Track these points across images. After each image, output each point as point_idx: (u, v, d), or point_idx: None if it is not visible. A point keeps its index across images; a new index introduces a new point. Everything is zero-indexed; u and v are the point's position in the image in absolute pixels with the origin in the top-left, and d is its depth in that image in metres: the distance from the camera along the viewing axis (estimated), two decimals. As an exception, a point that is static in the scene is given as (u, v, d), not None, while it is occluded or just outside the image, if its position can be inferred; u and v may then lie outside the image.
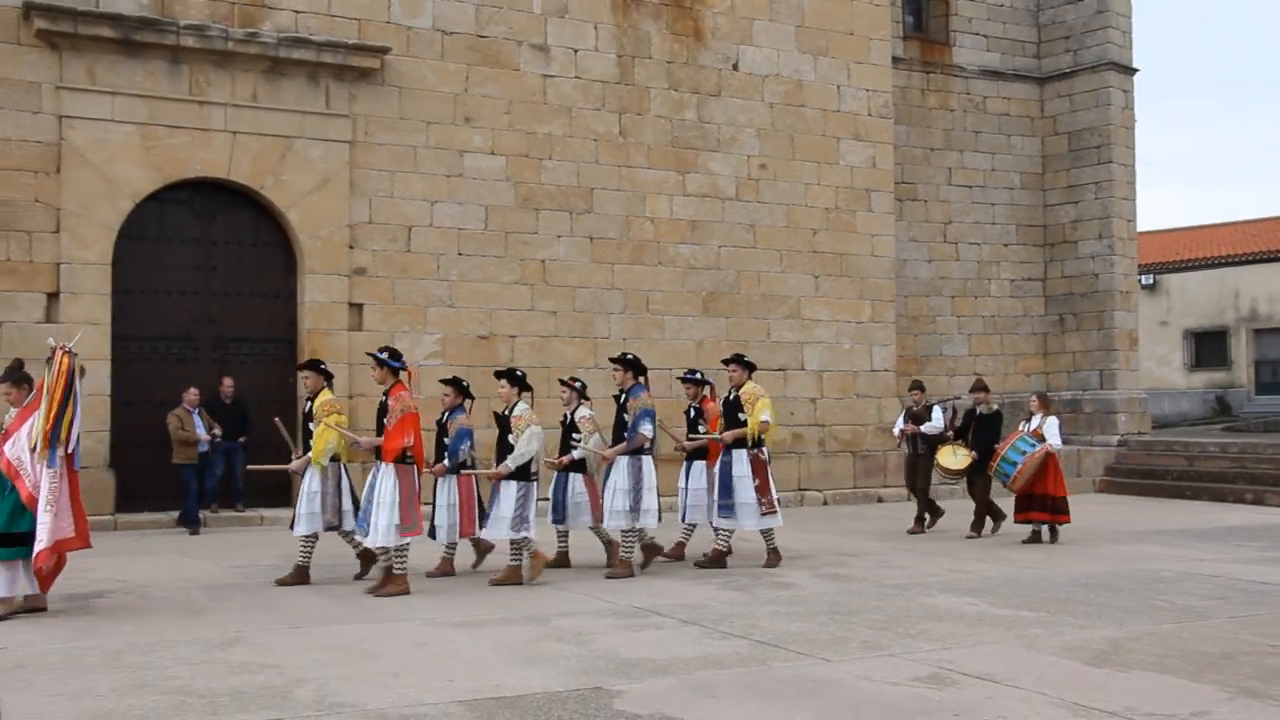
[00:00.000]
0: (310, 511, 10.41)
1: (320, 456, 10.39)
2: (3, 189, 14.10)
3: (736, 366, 11.82)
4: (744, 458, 11.35)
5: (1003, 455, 13.51)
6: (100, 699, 6.44)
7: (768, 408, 11.40)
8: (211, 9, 15.14)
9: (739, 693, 6.64)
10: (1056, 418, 13.98)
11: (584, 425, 11.20)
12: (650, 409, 11.11)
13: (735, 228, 18.34)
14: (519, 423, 10.49)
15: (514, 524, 10.35)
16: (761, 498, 11.32)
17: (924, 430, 14.73)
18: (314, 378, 10.69)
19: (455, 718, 6.10)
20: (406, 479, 9.97)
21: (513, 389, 10.77)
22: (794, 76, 18.90)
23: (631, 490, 10.86)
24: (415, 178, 16.20)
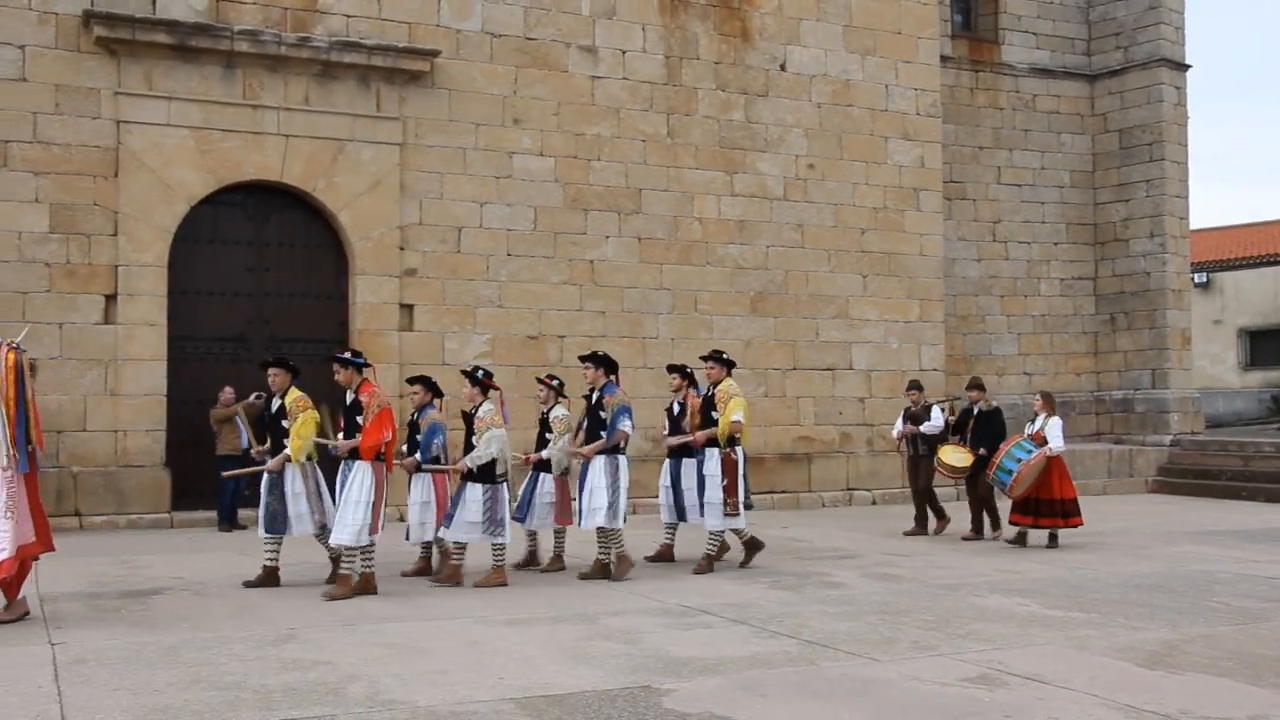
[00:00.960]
0: (298, 512, 10.19)
1: (299, 455, 10.15)
2: (63, 193, 14.36)
3: (714, 364, 11.49)
4: (715, 457, 11.15)
5: (998, 462, 13.03)
6: (158, 694, 6.53)
7: (741, 407, 11.16)
8: (264, 14, 15.33)
9: (788, 692, 6.63)
10: (1060, 419, 13.50)
11: (557, 425, 11.17)
12: (628, 405, 10.98)
13: (783, 228, 18.33)
14: (480, 424, 10.37)
15: (486, 528, 10.23)
16: (728, 498, 11.06)
17: (923, 430, 14.40)
18: (282, 375, 10.42)
19: (506, 715, 6.12)
20: (381, 478, 9.90)
21: (474, 390, 10.59)
22: (842, 76, 18.86)
23: (610, 489, 10.71)
24: (465, 179, 16.32)
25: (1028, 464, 12.82)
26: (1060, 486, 13.08)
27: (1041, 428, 13.24)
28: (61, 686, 6.71)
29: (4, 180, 14.10)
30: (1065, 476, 13.21)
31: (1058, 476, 13.08)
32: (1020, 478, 12.85)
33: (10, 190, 14.13)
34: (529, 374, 16.32)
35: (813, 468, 18.37)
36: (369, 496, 9.76)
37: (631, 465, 11.29)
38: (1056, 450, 13.06)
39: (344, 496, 9.85)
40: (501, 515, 10.31)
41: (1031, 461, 12.85)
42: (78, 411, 14.38)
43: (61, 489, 14.24)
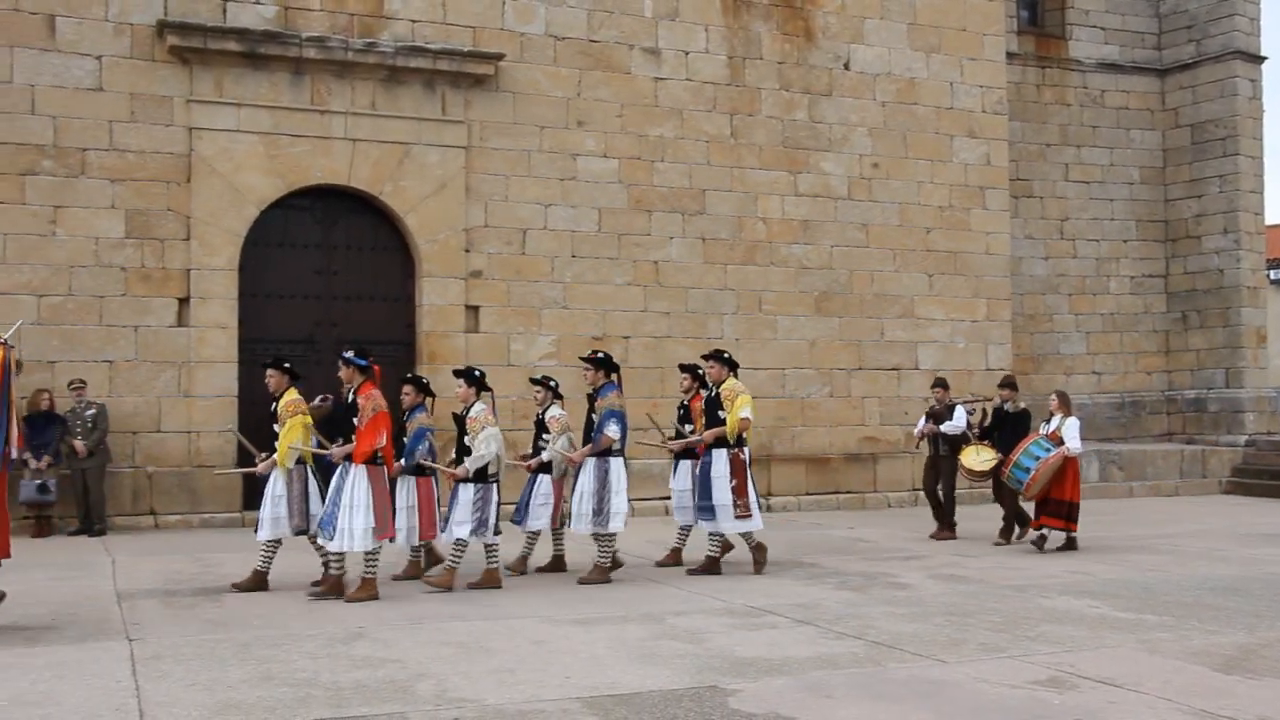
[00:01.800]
0: (275, 516, 10.04)
1: (286, 460, 10.03)
2: (138, 199, 14.64)
3: (715, 363, 11.28)
4: (723, 457, 10.93)
5: (1015, 461, 12.68)
6: (231, 690, 6.64)
7: (748, 405, 10.99)
8: (332, 21, 15.53)
9: (854, 693, 6.61)
10: (1077, 419, 13.11)
11: (553, 425, 11.04)
12: (618, 410, 10.82)
13: (848, 227, 18.25)
14: (473, 424, 10.22)
15: (475, 528, 10.10)
16: (738, 499, 10.85)
17: (943, 430, 13.95)
18: (277, 377, 10.30)
19: (573, 714, 6.15)
20: (379, 481, 9.75)
21: (469, 389, 10.44)
22: (906, 75, 18.74)
23: (597, 493, 10.58)
24: (529, 181, 16.42)
25: (1045, 463, 12.50)
26: (1070, 489, 12.75)
27: (1058, 428, 12.86)
28: (139, 681, 6.84)
29: (82, 187, 14.41)
30: (1076, 480, 12.91)
31: (1071, 478, 12.76)
32: (1037, 477, 12.53)
33: (88, 197, 14.43)
34: (594, 375, 16.43)
35: (878, 468, 18.28)
36: (367, 500, 9.60)
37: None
38: (1074, 451, 12.73)
39: (341, 502, 9.64)
40: (489, 516, 10.15)
41: (1049, 461, 12.52)
42: (152, 413, 14.65)
43: (137, 489, 14.54)
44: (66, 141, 14.37)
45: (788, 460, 17.60)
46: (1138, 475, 20.32)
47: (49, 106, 14.30)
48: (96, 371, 14.36)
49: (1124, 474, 20.23)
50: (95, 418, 14.05)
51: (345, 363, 10.04)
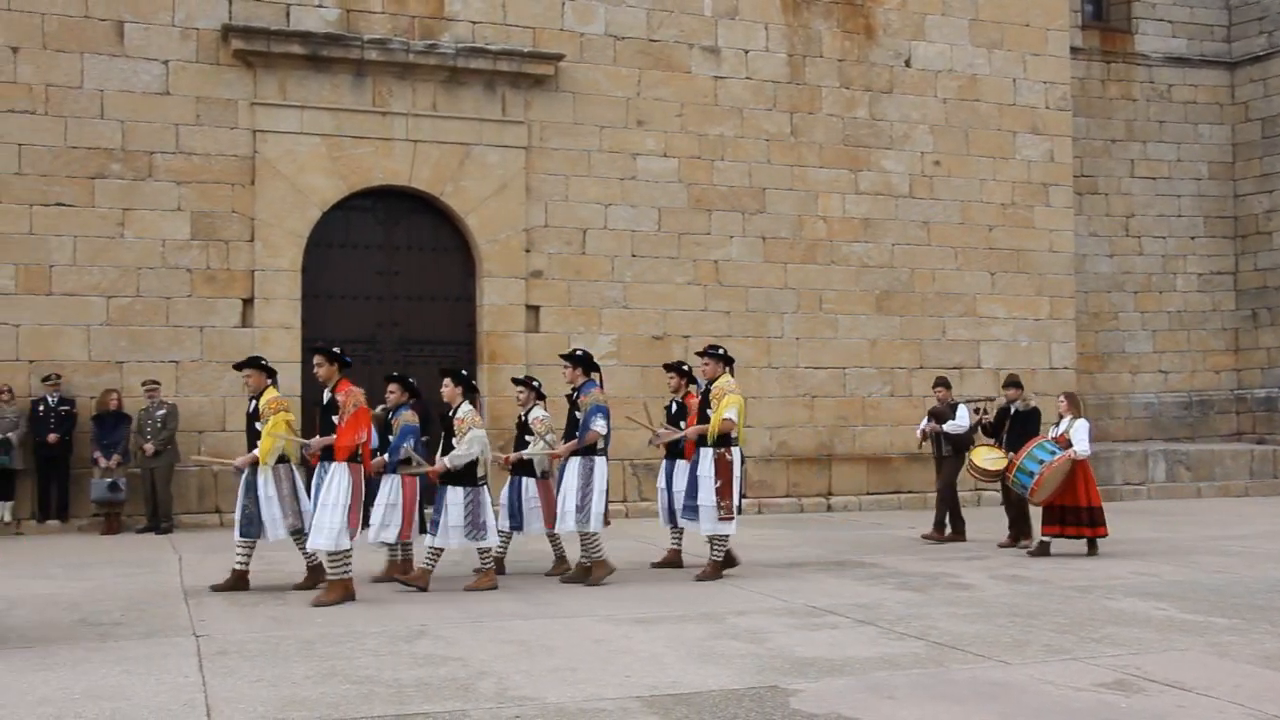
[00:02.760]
0: (272, 516, 9.92)
1: (268, 457, 9.89)
2: (204, 201, 14.86)
3: (709, 360, 10.99)
4: (709, 457, 10.62)
5: (1019, 464, 12.15)
6: (296, 686, 6.69)
7: (735, 405, 10.63)
8: (393, 23, 15.67)
9: (916, 694, 6.55)
10: (1087, 420, 12.49)
11: (536, 426, 10.79)
12: (603, 405, 10.57)
13: (909, 225, 18.13)
14: (460, 425, 10.04)
15: (469, 531, 9.94)
16: (721, 501, 10.54)
17: (945, 429, 13.58)
18: (256, 376, 10.20)
19: (633, 713, 6.14)
20: (357, 479, 9.57)
21: (456, 389, 10.25)
22: (968, 71, 18.58)
23: (580, 490, 10.38)
24: (589, 181, 16.47)
25: (1050, 466, 11.93)
26: (1087, 494, 12.19)
27: (1066, 430, 12.29)
28: (206, 677, 6.91)
29: (149, 190, 14.66)
30: (1091, 483, 12.31)
31: (1083, 483, 12.17)
32: (1042, 481, 11.96)
33: (155, 199, 14.68)
34: (654, 375, 16.44)
35: (940, 468, 18.11)
36: (344, 499, 9.42)
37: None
38: (1082, 454, 12.11)
39: (319, 499, 9.50)
40: (484, 518, 9.99)
41: (1054, 464, 11.95)
42: (217, 412, 14.85)
43: (203, 487, 14.77)
44: (134, 145, 14.63)
45: (849, 460, 17.50)
46: (1206, 476, 19.99)
47: (117, 110, 14.57)
48: (163, 371, 14.59)
49: (1191, 474, 19.91)
50: (165, 418, 14.28)
51: (327, 358, 9.83)
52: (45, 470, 14.17)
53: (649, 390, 16.50)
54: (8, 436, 13.74)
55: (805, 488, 17.28)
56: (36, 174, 14.27)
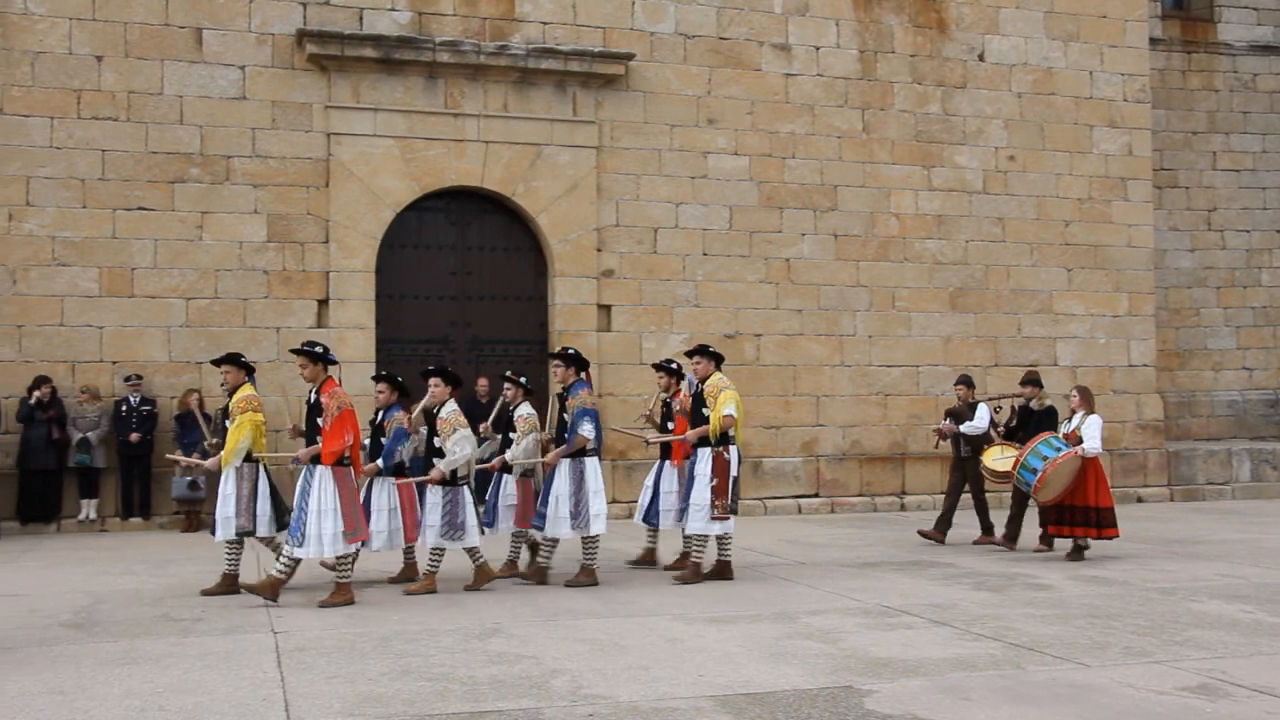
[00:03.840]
0: (225, 516, 9.80)
1: (232, 456, 9.76)
2: (280, 204, 15.08)
3: (701, 358, 10.79)
4: (706, 456, 10.45)
5: (1023, 460, 11.69)
6: (371, 683, 6.79)
7: (732, 401, 10.45)
8: (464, 25, 15.79)
9: (993, 696, 6.49)
10: (1099, 417, 11.96)
11: (520, 424, 10.57)
12: (591, 408, 10.36)
13: (983, 221, 17.93)
14: (444, 425, 9.88)
15: (445, 532, 9.82)
16: (715, 500, 10.35)
17: (963, 430, 13.11)
18: (234, 372, 10.10)
19: (706, 712, 6.15)
20: (345, 482, 9.40)
21: (445, 388, 10.13)
22: (1043, 64, 18.33)
23: (574, 495, 10.18)
24: (660, 180, 16.47)
25: (1054, 463, 11.46)
26: (1096, 493, 11.66)
27: (1078, 427, 11.82)
28: (284, 673, 7.03)
29: (226, 193, 14.90)
30: (1102, 482, 11.76)
31: (1093, 482, 11.66)
32: (1046, 478, 11.49)
33: (232, 203, 14.92)
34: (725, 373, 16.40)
35: (1016, 466, 17.90)
36: (335, 504, 9.26)
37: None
38: (1092, 451, 11.60)
39: (309, 507, 9.29)
40: (462, 519, 9.85)
41: (1059, 461, 11.47)
42: (293, 412, 14.96)
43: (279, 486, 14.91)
44: (212, 149, 14.88)
45: (923, 459, 17.33)
46: (1293, 475, 19.57)
47: (196, 116, 14.82)
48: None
49: (1278, 474, 19.48)
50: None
51: (312, 359, 9.66)
52: (128, 469, 14.46)
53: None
54: (88, 436, 14.03)
55: (878, 487, 17.15)
56: (119, 179, 14.57)
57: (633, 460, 16.12)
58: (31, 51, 14.33)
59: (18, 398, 14.08)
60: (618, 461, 16.10)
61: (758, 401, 16.70)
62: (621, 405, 16.03)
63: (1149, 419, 18.65)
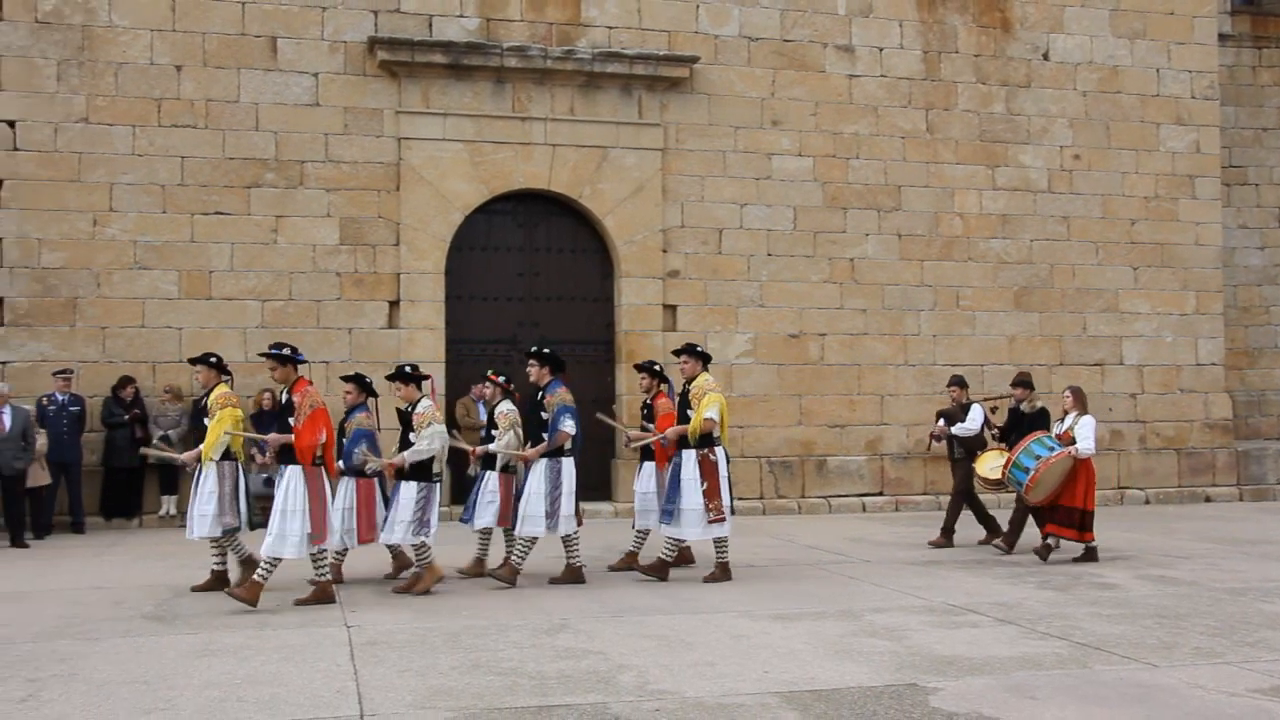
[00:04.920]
0: (202, 514, 9.81)
1: (211, 452, 9.75)
2: (352, 207, 15.39)
3: (688, 358, 10.66)
4: (692, 459, 10.28)
5: (1014, 460, 11.49)
6: (442, 676, 6.93)
7: (716, 404, 10.28)
8: (531, 30, 16.01)
9: (1059, 695, 6.50)
10: (1093, 417, 11.80)
11: (501, 421, 10.56)
12: (570, 405, 10.27)
13: (1048, 220, 17.87)
14: (420, 420, 9.88)
15: (415, 528, 9.79)
16: (709, 503, 10.20)
17: (955, 431, 12.91)
18: (206, 372, 10.10)
19: (772, 708, 6.20)
20: (317, 483, 9.31)
21: (410, 388, 10.17)
22: (1108, 63, 18.22)
23: (549, 494, 10.09)
24: (725, 182, 16.60)
25: (1047, 463, 11.30)
26: (1085, 495, 11.48)
27: (1070, 427, 11.68)
28: (357, 665, 7.20)
29: (300, 198, 15.24)
30: (1091, 486, 11.58)
31: (1084, 484, 11.50)
32: (1038, 478, 11.32)
33: (306, 207, 15.25)
34: (790, 372, 16.60)
35: (1082, 466, 17.83)
36: (303, 504, 9.18)
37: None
38: (1084, 452, 11.45)
39: (277, 506, 9.21)
40: (429, 516, 9.83)
41: (1052, 460, 11.31)
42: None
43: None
44: (286, 155, 15.21)
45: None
46: (1365, 475, 19.26)
47: (271, 122, 15.17)
48: (314, 371, 15.09)
49: (1351, 476, 19.20)
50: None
51: (280, 360, 9.57)
52: None
53: (786, 388, 16.63)
54: (168, 434, 14.40)
55: (943, 485, 17.06)
56: (197, 184, 14.95)
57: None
58: (115, 63, 14.75)
59: (102, 397, 14.50)
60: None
61: (821, 400, 16.79)
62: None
63: (1217, 418, 18.49)
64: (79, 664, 7.29)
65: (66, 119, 14.60)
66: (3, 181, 14.44)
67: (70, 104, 14.63)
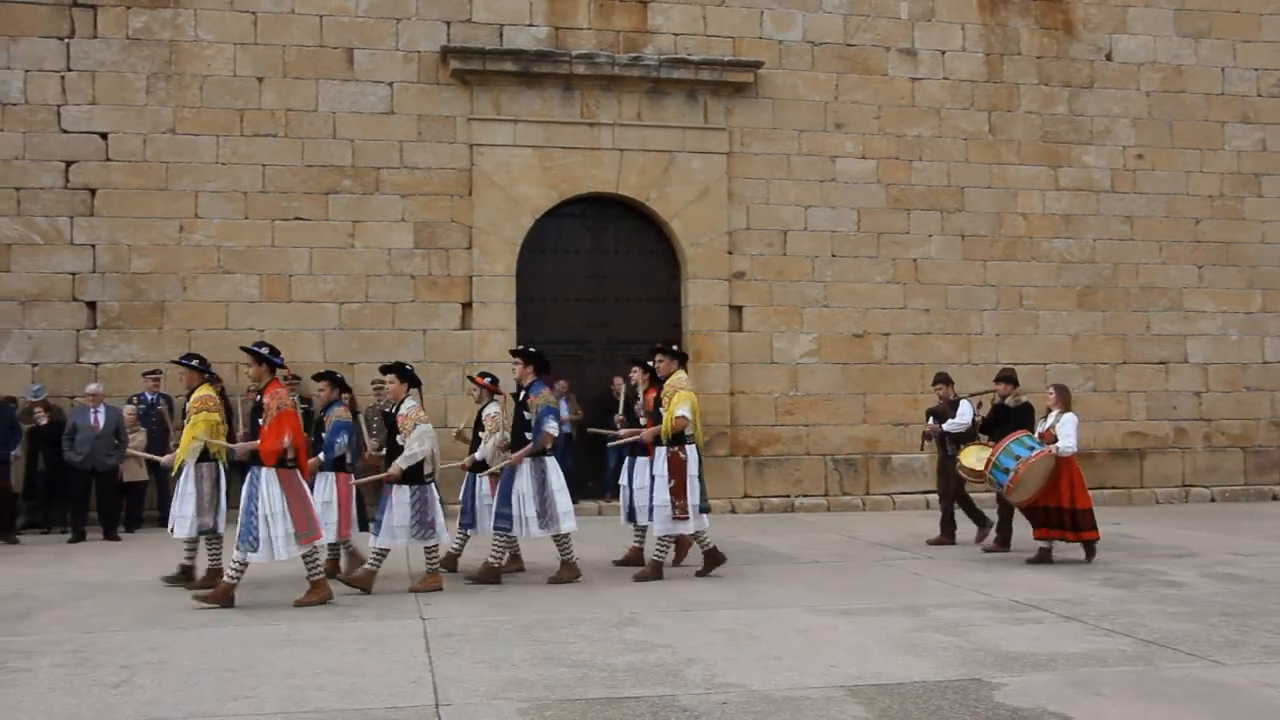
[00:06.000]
0: (182, 514, 9.89)
1: (186, 454, 9.79)
2: (426, 212, 15.81)
3: (663, 357, 10.70)
4: (662, 456, 10.31)
5: (995, 459, 11.23)
6: (515, 668, 7.05)
7: (687, 402, 10.29)
8: (599, 38, 16.34)
9: (1124, 692, 6.44)
10: (1075, 415, 11.49)
11: (488, 423, 10.57)
12: (554, 406, 10.32)
13: (1111, 220, 17.91)
14: (405, 421, 9.75)
15: (416, 531, 9.68)
16: (675, 500, 10.18)
17: (946, 428, 12.70)
18: (189, 373, 10.18)
19: (837, 702, 6.23)
20: (291, 483, 9.14)
21: (400, 385, 9.99)
22: (1172, 62, 18.21)
23: (538, 495, 10.11)
24: (789, 184, 16.83)
25: (1027, 463, 11.04)
26: (1072, 494, 11.23)
27: (1053, 425, 11.40)
28: (432, 657, 7.36)
29: (376, 203, 15.68)
30: (1078, 483, 11.31)
31: (1068, 483, 11.23)
32: (1019, 478, 11.07)
33: (381, 212, 15.68)
34: (855, 371, 16.81)
35: (1145, 464, 17.86)
36: (282, 506, 9.02)
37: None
38: (1065, 451, 11.19)
39: (257, 511, 9.05)
40: (432, 517, 9.73)
41: (1031, 460, 11.05)
42: (438, 410, 15.63)
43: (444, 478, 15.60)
44: (363, 162, 15.66)
45: (1050, 456, 17.40)
46: None
47: (348, 130, 15.63)
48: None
49: None
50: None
51: (256, 359, 9.46)
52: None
53: (850, 387, 16.82)
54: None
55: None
56: (278, 191, 15.43)
57: (764, 456, 16.55)
58: (200, 75, 15.28)
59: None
60: (749, 458, 16.53)
61: (885, 399, 16.98)
62: (753, 403, 16.50)
63: (1284, 417, 18.47)
64: (169, 652, 7.53)
65: (155, 130, 15.17)
66: (96, 191, 15.04)
67: (158, 115, 15.19)
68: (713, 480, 16.15)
